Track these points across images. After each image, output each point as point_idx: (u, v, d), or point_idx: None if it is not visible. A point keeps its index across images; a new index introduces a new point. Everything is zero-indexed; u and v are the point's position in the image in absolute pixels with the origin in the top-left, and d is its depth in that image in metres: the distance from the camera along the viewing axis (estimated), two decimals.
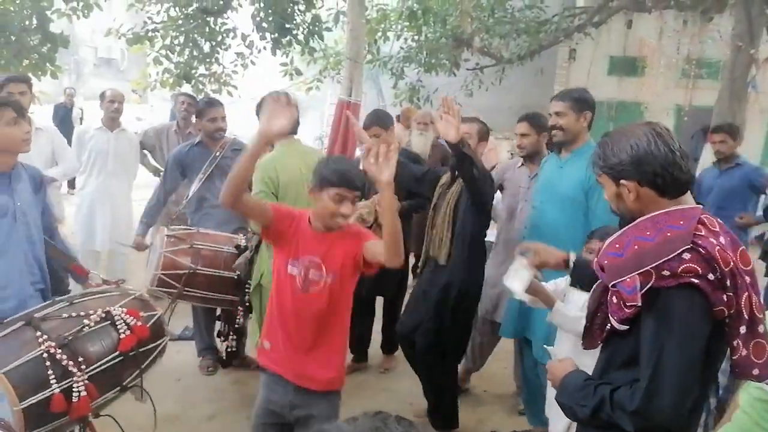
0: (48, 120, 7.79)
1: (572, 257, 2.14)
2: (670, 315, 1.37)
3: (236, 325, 3.50)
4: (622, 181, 1.49)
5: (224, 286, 3.29)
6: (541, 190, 3.05)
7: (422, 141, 4.26)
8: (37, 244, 2.46)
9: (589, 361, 1.67)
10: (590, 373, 1.63)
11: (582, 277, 2.07)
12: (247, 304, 3.32)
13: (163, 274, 3.20)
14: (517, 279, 2.09)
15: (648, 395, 1.37)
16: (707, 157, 7.79)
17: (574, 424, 2.06)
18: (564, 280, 2.48)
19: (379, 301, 4.11)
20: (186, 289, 3.24)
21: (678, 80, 10.39)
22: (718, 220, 1.47)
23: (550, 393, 2.50)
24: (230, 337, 3.72)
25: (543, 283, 2.33)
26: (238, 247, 3.35)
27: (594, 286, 1.64)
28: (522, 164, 3.50)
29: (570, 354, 2.26)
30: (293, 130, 3.16)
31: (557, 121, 2.91)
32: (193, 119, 4.46)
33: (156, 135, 4.84)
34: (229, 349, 3.76)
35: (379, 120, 3.68)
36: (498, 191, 3.47)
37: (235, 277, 3.28)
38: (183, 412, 3.35)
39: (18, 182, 2.40)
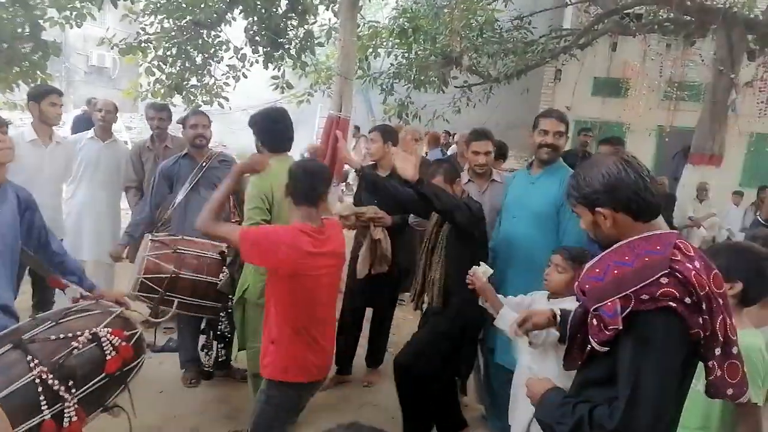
0: (67, 131, 7.71)
1: (557, 311, 2.08)
2: (649, 337, 1.42)
3: (218, 332, 3.52)
4: (597, 209, 1.55)
5: (207, 292, 3.31)
6: (513, 206, 3.11)
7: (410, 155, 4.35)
8: (11, 266, 2.45)
9: (551, 371, 1.73)
10: (551, 381, 1.70)
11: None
12: (231, 310, 3.34)
13: (145, 278, 3.20)
14: (483, 267, 2.49)
15: (627, 414, 1.42)
16: (689, 177, 7.98)
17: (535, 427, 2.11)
18: (530, 297, 2.57)
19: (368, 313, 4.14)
20: (168, 293, 3.23)
21: (660, 102, 10.62)
22: (692, 244, 1.54)
23: (513, 401, 2.57)
24: (217, 345, 3.75)
25: (511, 297, 2.51)
26: (222, 253, 3.37)
27: (573, 309, 1.70)
28: (469, 180, 3.59)
29: (527, 367, 2.35)
30: (287, 148, 3.22)
31: (556, 141, 2.93)
32: (169, 131, 4.53)
33: (134, 151, 4.63)
34: (220, 359, 3.79)
35: (383, 130, 3.96)
36: None
37: (218, 282, 3.31)
38: (165, 424, 3.36)
39: (2, 203, 2.39)
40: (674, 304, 1.40)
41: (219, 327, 3.64)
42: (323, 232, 2.44)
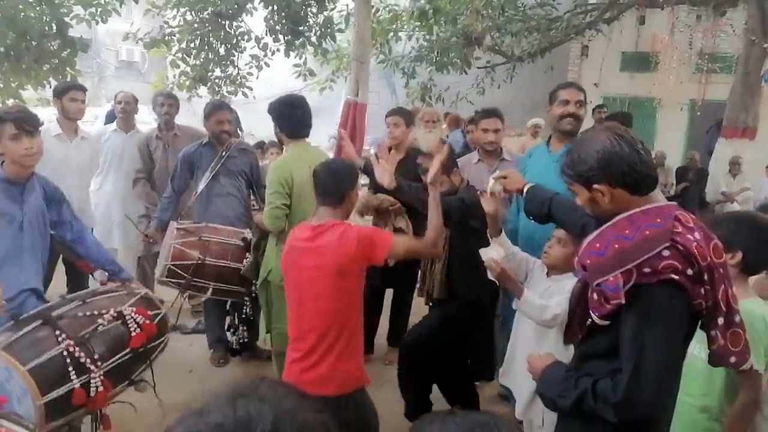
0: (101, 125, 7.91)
1: (527, 187, 2.26)
2: (651, 310, 1.43)
3: (243, 316, 3.63)
4: (594, 186, 1.54)
5: (231, 277, 3.43)
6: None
7: (429, 139, 4.35)
8: (40, 252, 2.59)
9: (551, 344, 1.76)
10: (552, 356, 1.72)
11: (533, 205, 2.22)
12: (254, 294, 3.45)
13: (172, 264, 3.35)
14: (492, 249, 2.36)
15: (630, 387, 1.42)
16: (721, 151, 7.76)
17: (537, 401, 2.15)
18: (533, 261, 2.58)
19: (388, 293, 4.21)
20: (194, 279, 3.37)
21: (691, 75, 10.29)
22: (692, 216, 1.53)
23: (511, 366, 2.60)
24: (240, 328, 3.87)
25: (516, 248, 2.52)
26: (244, 240, 3.49)
27: (574, 285, 1.70)
28: (479, 160, 3.57)
29: (531, 335, 2.36)
30: (305, 134, 3.29)
31: (577, 110, 2.85)
32: (176, 120, 4.54)
33: (141, 141, 4.55)
34: (241, 341, 3.92)
35: (402, 112, 4.00)
36: None
37: (242, 268, 3.42)
38: (195, 402, 3.49)
39: (30, 194, 2.53)
40: (676, 276, 1.40)
41: (243, 310, 3.77)
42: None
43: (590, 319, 1.54)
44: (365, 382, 2.40)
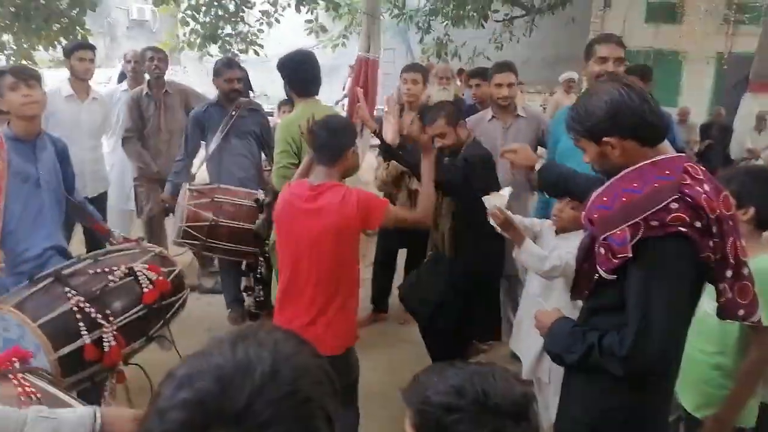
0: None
1: (540, 162, 2.16)
2: (659, 263, 1.41)
3: (258, 275, 3.66)
4: (604, 139, 1.49)
5: (245, 238, 3.44)
6: (573, 153, 2.87)
7: (443, 96, 4.26)
8: (59, 209, 2.62)
9: (557, 301, 1.73)
10: (560, 312, 1.70)
11: (546, 182, 2.13)
12: (267, 255, 3.46)
13: (187, 226, 3.37)
14: (496, 197, 2.29)
15: (637, 341, 1.42)
16: (747, 106, 7.51)
17: (545, 358, 2.14)
18: (540, 223, 2.53)
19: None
20: (209, 240, 3.40)
21: (718, 26, 9.91)
22: (702, 167, 1.48)
23: (518, 329, 2.59)
24: (256, 288, 3.91)
25: (518, 217, 2.42)
26: (257, 201, 3.48)
27: (581, 239, 1.67)
28: (493, 117, 3.44)
29: (538, 292, 2.33)
30: (314, 92, 3.21)
31: (617, 68, 2.59)
32: (167, 76, 4.39)
33: (132, 100, 4.30)
34: (257, 299, 3.96)
35: (419, 68, 3.94)
36: None
37: (255, 229, 3.42)
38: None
39: (42, 151, 2.54)
40: (684, 229, 1.37)
41: (258, 270, 3.79)
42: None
43: (597, 275, 1.52)
44: (355, 341, 2.43)
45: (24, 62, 5.77)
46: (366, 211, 2.24)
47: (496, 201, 2.28)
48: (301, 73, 3.16)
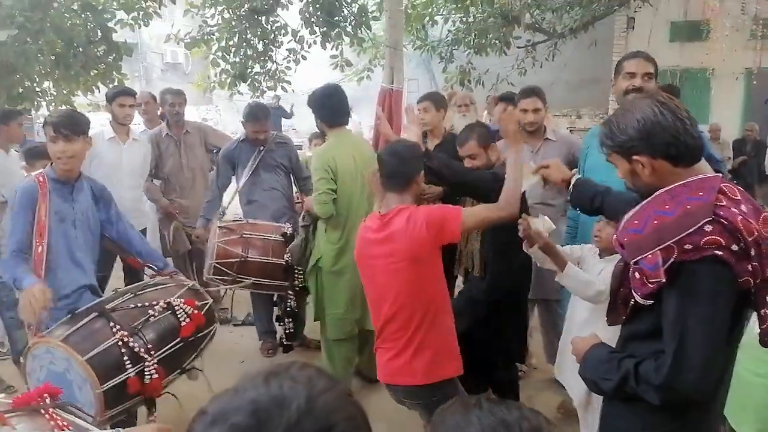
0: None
1: (575, 178, 2.09)
2: (694, 289, 1.36)
3: (287, 309, 3.70)
4: (634, 157, 1.47)
5: (274, 272, 3.52)
6: (601, 169, 2.71)
7: (464, 123, 4.28)
8: (92, 248, 2.72)
9: (604, 330, 1.70)
10: (596, 338, 1.66)
11: (581, 198, 2.06)
12: (298, 288, 3.50)
13: (217, 263, 3.46)
14: (541, 221, 2.27)
15: (674, 369, 1.37)
16: None
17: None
18: (580, 248, 2.49)
19: None
20: (239, 276, 3.47)
21: (746, 42, 9.77)
22: (739, 187, 1.45)
23: (563, 358, 2.52)
24: (286, 320, 3.94)
25: (558, 246, 2.37)
26: (284, 235, 3.56)
27: (616, 262, 1.65)
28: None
29: (586, 320, 2.28)
30: (344, 122, 3.33)
31: (646, 84, 2.57)
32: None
33: (151, 141, 4.41)
34: (287, 331, 3.99)
35: (430, 96, 3.95)
36: None
37: (284, 263, 3.48)
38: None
39: (79, 193, 2.66)
40: (720, 253, 1.33)
41: (288, 303, 3.83)
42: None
43: (633, 300, 1.48)
44: (455, 372, 2.30)
45: (63, 107, 6.03)
46: (437, 226, 2.17)
47: (539, 224, 2.26)
48: (330, 106, 3.28)
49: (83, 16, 5.62)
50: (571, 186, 2.08)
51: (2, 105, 5.02)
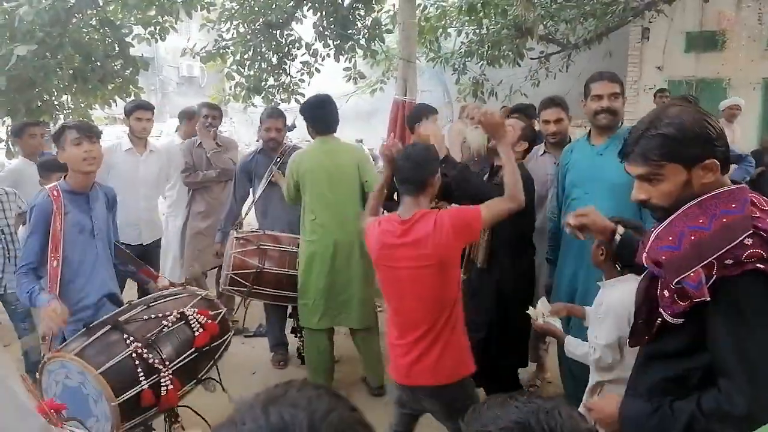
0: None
1: (620, 231, 1.98)
2: (741, 305, 1.32)
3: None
4: (706, 161, 1.38)
5: (290, 284, 3.51)
6: (583, 181, 2.85)
7: (478, 135, 4.27)
8: (110, 257, 2.75)
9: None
10: (615, 396, 1.60)
11: (627, 253, 1.95)
12: None
13: (233, 273, 3.46)
14: (543, 305, 2.35)
15: (751, 394, 1.30)
16: None
17: None
18: (599, 296, 2.42)
19: None
20: (255, 287, 3.47)
21: (763, 52, 9.64)
22: (764, 197, 1.41)
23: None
24: (301, 333, 3.94)
25: (585, 307, 2.38)
26: (300, 246, 3.54)
27: (638, 281, 1.59)
28: (545, 152, 3.45)
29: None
30: (332, 129, 3.43)
31: (612, 104, 2.71)
32: (219, 131, 4.67)
33: (184, 153, 4.58)
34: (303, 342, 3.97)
35: (426, 108, 4.01)
36: None
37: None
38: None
39: (95, 202, 2.69)
40: (762, 266, 1.29)
41: None
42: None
43: (660, 319, 1.42)
44: (473, 368, 2.37)
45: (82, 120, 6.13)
46: (463, 228, 2.22)
47: (539, 312, 2.33)
48: (317, 115, 3.40)
49: (101, 31, 5.71)
50: (616, 238, 1.97)
51: (22, 118, 5.10)
